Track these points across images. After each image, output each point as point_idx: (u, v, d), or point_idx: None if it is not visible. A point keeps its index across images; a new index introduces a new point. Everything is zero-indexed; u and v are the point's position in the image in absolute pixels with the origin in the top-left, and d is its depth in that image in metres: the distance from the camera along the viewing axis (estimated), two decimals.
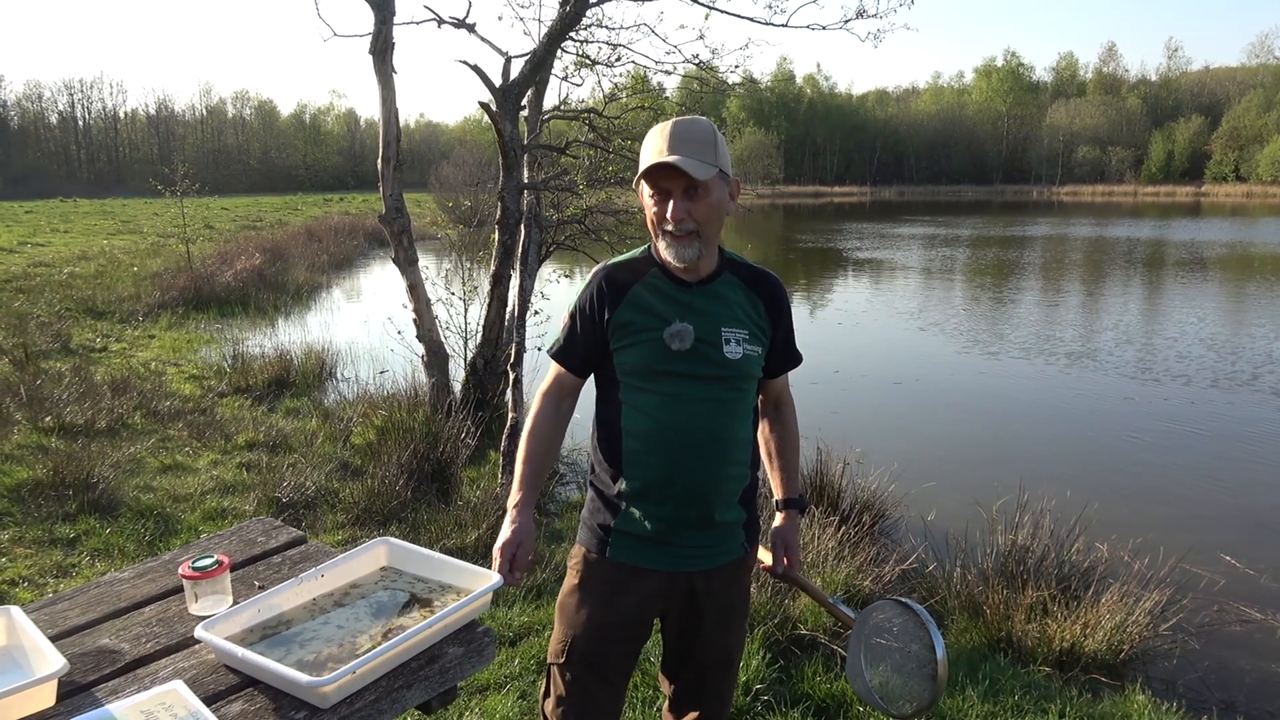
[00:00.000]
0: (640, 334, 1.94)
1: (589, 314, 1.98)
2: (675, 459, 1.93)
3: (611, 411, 2.00)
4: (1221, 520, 5.88)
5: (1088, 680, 3.63)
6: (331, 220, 30.79)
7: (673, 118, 1.94)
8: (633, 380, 1.96)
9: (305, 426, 6.83)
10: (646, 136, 1.94)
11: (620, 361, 1.97)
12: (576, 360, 2.04)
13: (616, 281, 1.98)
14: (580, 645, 2.01)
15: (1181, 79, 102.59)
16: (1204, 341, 11.89)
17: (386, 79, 6.50)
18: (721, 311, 1.98)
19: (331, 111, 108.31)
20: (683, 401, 1.93)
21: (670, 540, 1.98)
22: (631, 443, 1.96)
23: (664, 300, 1.95)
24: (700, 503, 1.97)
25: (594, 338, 1.99)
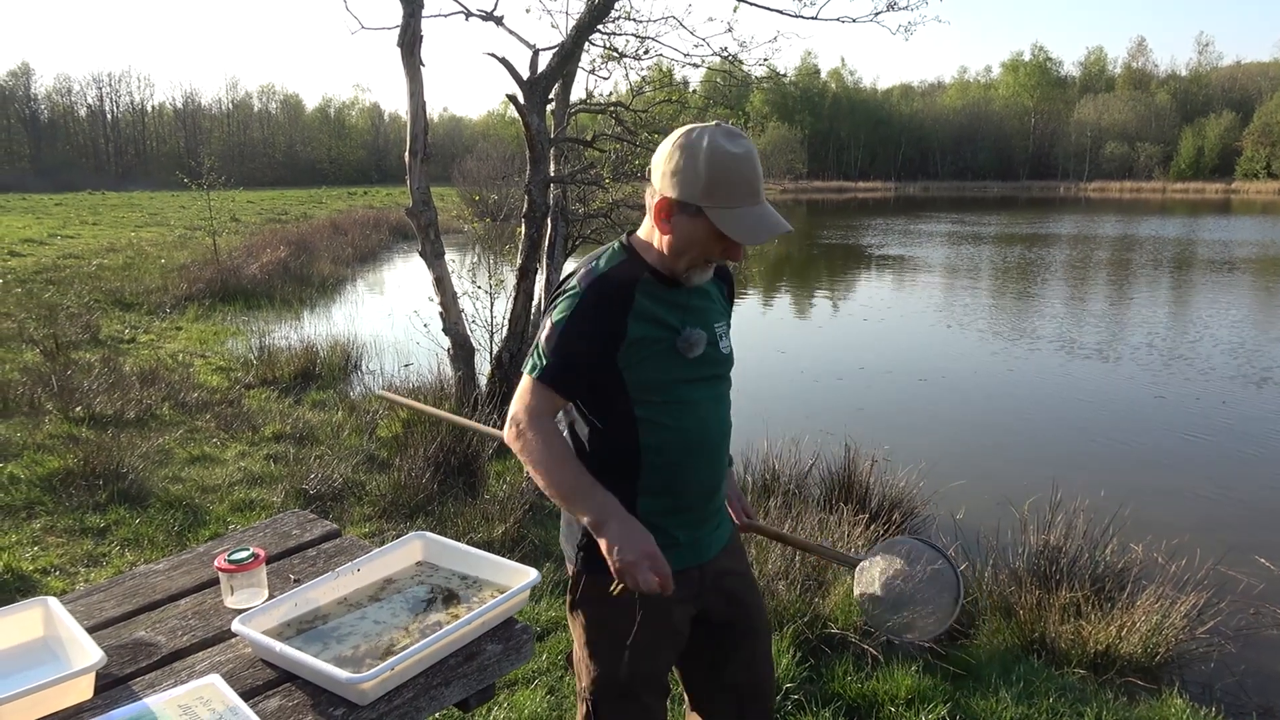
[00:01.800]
0: (653, 347, 1.81)
1: (591, 333, 1.78)
2: (697, 464, 1.91)
3: (621, 430, 1.85)
4: (1258, 522, 5.78)
5: (1123, 683, 3.57)
6: (355, 214, 30.96)
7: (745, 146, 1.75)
8: (649, 396, 1.83)
9: (331, 419, 6.85)
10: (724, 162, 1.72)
11: (633, 379, 1.81)
12: (579, 384, 1.83)
13: (613, 296, 1.80)
14: (638, 670, 1.92)
15: (1212, 74, 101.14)
16: (1236, 341, 11.71)
17: (414, 72, 6.50)
18: (709, 308, 1.93)
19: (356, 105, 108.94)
20: (698, 407, 1.89)
21: (692, 539, 1.95)
22: (651, 457, 1.85)
23: (666, 307, 1.84)
24: (716, 496, 2.00)
25: (600, 359, 1.79)
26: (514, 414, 1.81)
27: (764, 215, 1.76)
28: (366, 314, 13.34)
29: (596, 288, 1.80)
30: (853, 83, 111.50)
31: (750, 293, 17.18)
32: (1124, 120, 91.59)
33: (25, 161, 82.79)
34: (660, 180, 1.79)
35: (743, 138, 1.76)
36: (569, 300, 1.80)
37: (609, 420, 1.86)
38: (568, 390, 1.83)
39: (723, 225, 1.73)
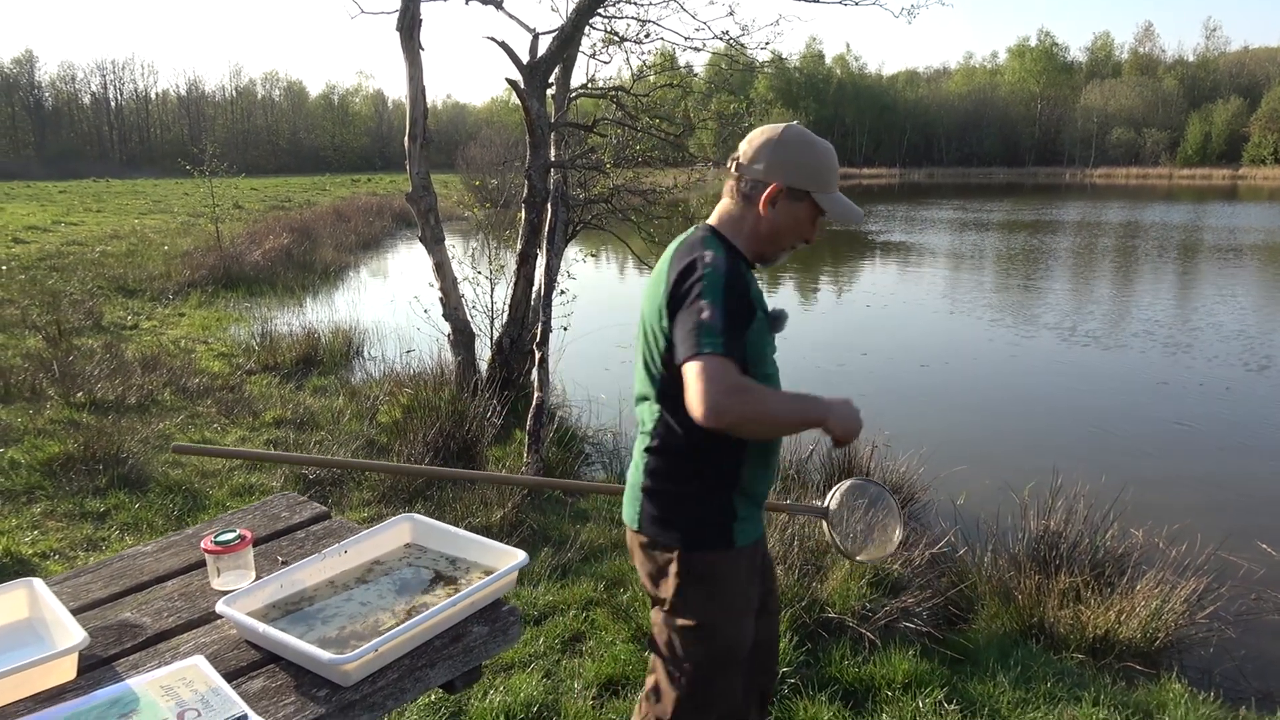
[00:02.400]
0: (760, 324, 1.92)
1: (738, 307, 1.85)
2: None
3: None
4: (1259, 507, 5.76)
5: (1122, 668, 3.56)
6: (359, 201, 30.92)
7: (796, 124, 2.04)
8: (755, 369, 1.90)
9: (332, 404, 6.85)
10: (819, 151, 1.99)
11: (750, 354, 1.88)
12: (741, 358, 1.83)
13: (742, 275, 1.93)
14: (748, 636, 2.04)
15: (1220, 59, 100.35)
16: (1240, 328, 11.66)
17: (413, 56, 6.46)
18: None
19: (359, 92, 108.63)
20: (776, 379, 2.02)
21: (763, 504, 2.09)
22: None
23: (758, 289, 2.00)
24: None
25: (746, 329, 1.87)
26: (715, 399, 1.71)
27: (849, 202, 2.02)
28: (369, 300, 13.33)
29: (730, 269, 1.88)
30: (858, 69, 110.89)
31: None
32: (1130, 106, 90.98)
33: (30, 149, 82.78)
34: (768, 170, 1.95)
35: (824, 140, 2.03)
36: (712, 282, 1.83)
37: None
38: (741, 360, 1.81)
39: (827, 206, 1.98)
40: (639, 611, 3.71)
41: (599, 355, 9.59)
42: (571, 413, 7.18)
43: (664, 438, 1.98)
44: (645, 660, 3.33)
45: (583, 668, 3.31)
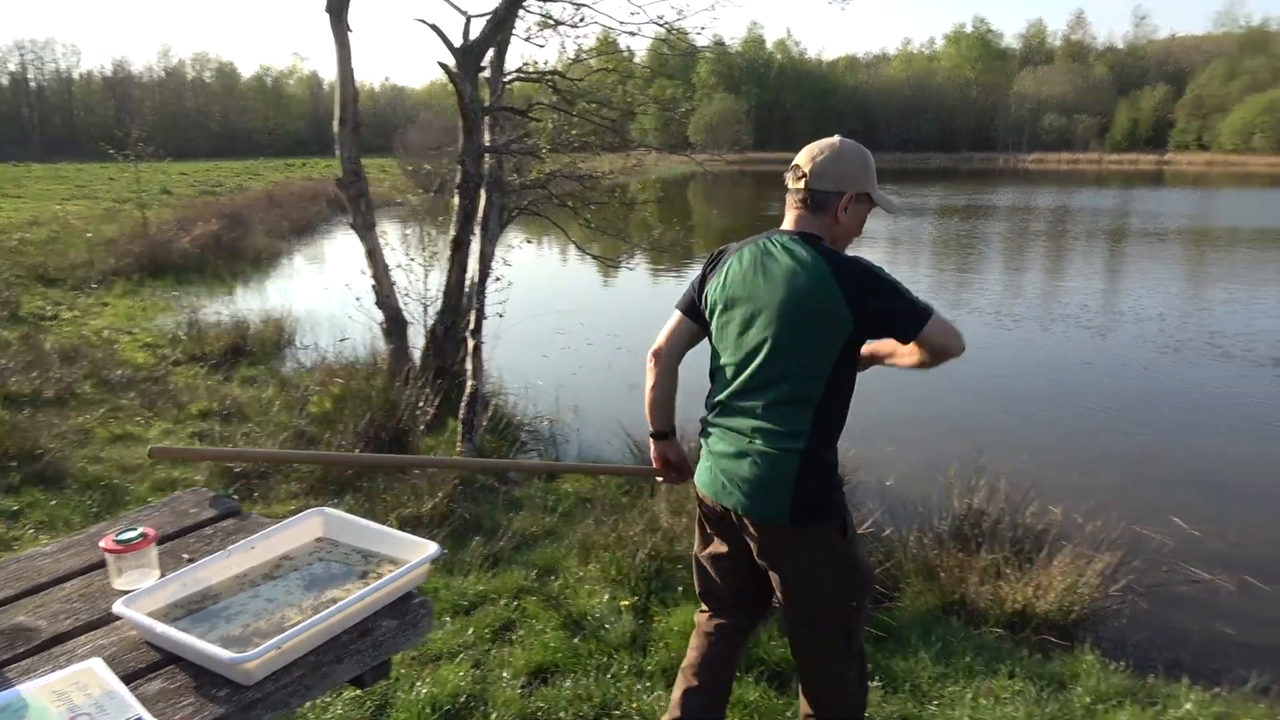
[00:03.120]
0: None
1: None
2: None
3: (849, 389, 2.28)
4: (1171, 483, 5.97)
5: (1038, 641, 3.67)
6: (293, 186, 30.28)
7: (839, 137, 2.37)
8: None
9: (261, 395, 6.73)
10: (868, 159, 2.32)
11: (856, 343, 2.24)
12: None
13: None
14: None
15: (1148, 47, 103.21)
16: (1159, 310, 12.06)
17: (342, 38, 6.33)
18: None
19: (294, 74, 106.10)
20: None
21: None
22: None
23: None
24: None
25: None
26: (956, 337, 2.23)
27: (890, 196, 2.39)
28: (302, 288, 13.09)
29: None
30: (798, 53, 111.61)
31: (696, 263, 17.20)
32: (1062, 92, 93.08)
33: None
34: (838, 180, 2.26)
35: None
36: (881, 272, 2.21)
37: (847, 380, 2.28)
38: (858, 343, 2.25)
39: (883, 204, 2.34)
40: (570, 599, 3.73)
41: (537, 342, 9.56)
42: (507, 400, 7.14)
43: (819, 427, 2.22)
44: (575, 648, 3.35)
45: (512, 656, 3.31)
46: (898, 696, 3.14)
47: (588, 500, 5.05)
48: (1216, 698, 3.23)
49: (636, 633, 3.46)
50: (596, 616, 3.55)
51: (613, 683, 3.12)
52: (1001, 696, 3.13)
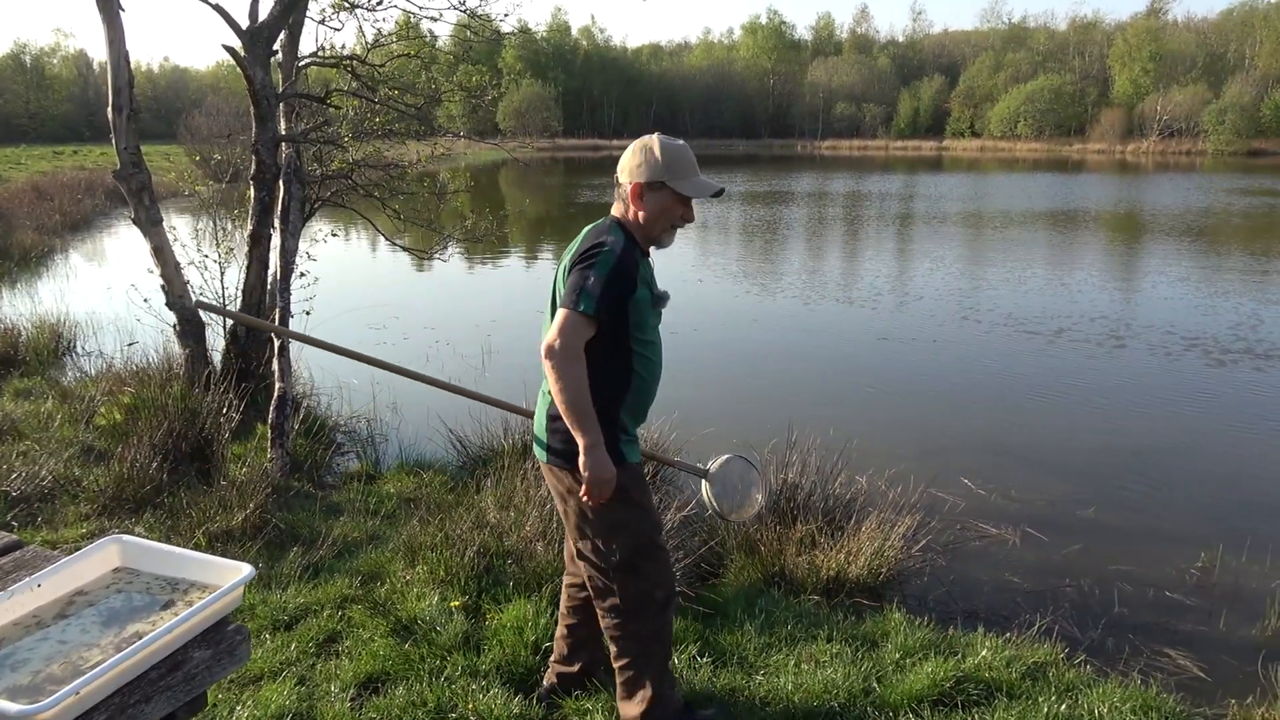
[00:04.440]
0: (644, 301, 2.57)
1: (621, 285, 2.49)
2: (656, 386, 2.73)
3: (620, 359, 2.58)
4: (963, 447, 6.50)
5: (852, 604, 3.91)
6: (64, 176, 27.66)
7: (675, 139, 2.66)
8: (640, 335, 2.59)
9: (39, 409, 6.12)
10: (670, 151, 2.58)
11: (634, 322, 2.56)
12: (604, 320, 2.47)
13: (632, 261, 2.54)
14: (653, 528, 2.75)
15: (925, 40, 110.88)
16: (946, 287, 13.06)
17: (112, 17, 5.80)
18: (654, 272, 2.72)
19: (58, 53, 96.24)
20: (659, 344, 2.70)
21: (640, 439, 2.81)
22: (638, 381, 2.63)
23: (649, 273, 2.65)
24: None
25: (620, 303, 2.50)
26: (555, 340, 2.42)
27: (704, 180, 2.63)
28: (80, 289, 12.00)
29: (622, 251, 2.52)
30: (603, 40, 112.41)
31: (512, 251, 17.06)
32: (851, 82, 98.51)
33: None
34: (630, 174, 2.60)
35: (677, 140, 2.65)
36: (608, 258, 2.49)
37: (615, 351, 2.57)
38: (600, 324, 2.47)
39: (680, 189, 2.58)
40: (398, 604, 3.63)
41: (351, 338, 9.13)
42: (320, 401, 6.85)
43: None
44: (406, 654, 3.26)
45: (340, 669, 3.19)
46: (726, 670, 3.26)
47: (411, 500, 4.93)
48: (1008, 642, 3.55)
49: (469, 632, 3.41)
50: (426, 620, 3.47)
51: (447, 685, 3.06)
52: (821, 660, 3.31)
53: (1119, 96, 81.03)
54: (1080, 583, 4.50)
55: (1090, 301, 11.71)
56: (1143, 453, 6.41)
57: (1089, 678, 3.36)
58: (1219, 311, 11.04)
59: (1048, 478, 5.90)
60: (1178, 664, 3.79)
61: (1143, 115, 76.46)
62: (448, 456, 5.83)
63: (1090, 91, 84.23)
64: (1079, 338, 9.69)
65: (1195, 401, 7.57)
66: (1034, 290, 12.54)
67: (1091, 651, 3.78)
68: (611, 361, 2.57)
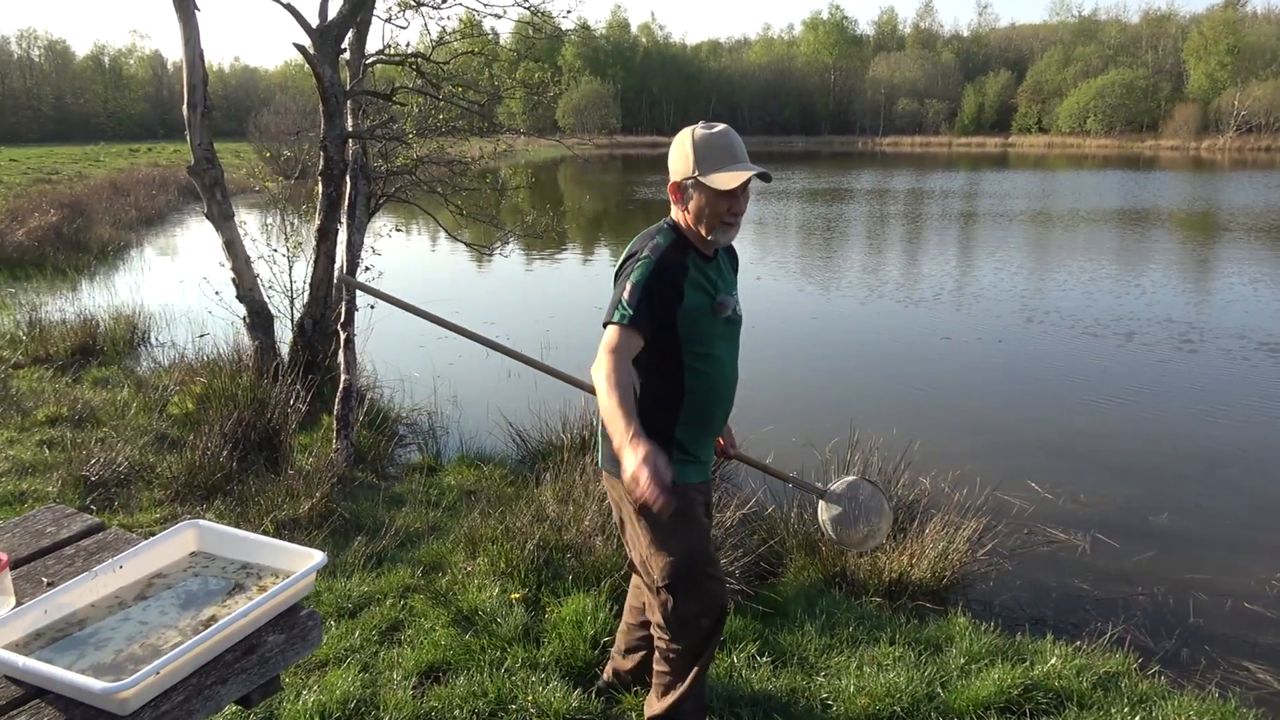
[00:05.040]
0: (700, 309, 2.38)
1: (662, 294, 2.31)
2: (720, 404, 2.52)
3: (670, 373, 2.40)
4: (1029, 450, 6.34)
5: (914, 607, 3.85)
6: (139, 173, 28.51)
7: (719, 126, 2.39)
8: (695, 348, 2.39)
9: (116, 397, 6.31)
10: (705, 139, 2.36)
11: (685, 334, 2.37)
12: (648, 332, 2.30)
13: (677, 265, 2.36)
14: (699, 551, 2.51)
15: (990, 35, 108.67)
16: (1010, 287, 12.77)
17: (188, 17, 5.97)
18: (728, 279, 2.53)
19: (134, 53, 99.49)
20: (724, 359, 2.48)
21: (706, 459, 2.58)
22: (692, 398, 2.43)
23: (705, 278, 2.42)
24: (723, 427, 2.67)
25: (664, 315, 2.32)
26: (604, 354, 2.26)
27: (736, 169, 2.33)
28: (154, 282, 12.36)
29: (665, 259, 2.35)
30: (663, 38, 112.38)
31: (570, 248, 17.15)
32: (914, 78, 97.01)
33: None
34: (671, 172, 2.41)
35: (719, 125, 2.39)
36: (644, 265, 2.33)
37: (665, 366, 2.40)
38: (645, 334, 2.30)
39: (712, 183, 2.31)
40: (459, 594, 3.67)
41: (413, 333, 9.31)
42: (383, 394, 6.95)
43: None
44: (467, 644, 3.29)
45: (402, 657, 3.23)
46: (787, 670, 3.23)
47: (471, 493, 4.98)
48: (1078, 651, 3.45)
49: (529, 625, 3.43)
50: (487, 611, 3.50)
51: (507, 677, 3.08)
52: (884, 663, 3.26)
53: (1194, 91, 78.44)
54: (1154, 591, 4.36)
55: (1163, 303, 11.35)
56: (1218, 459, 6.19)
57: (1163, 689, 3.25)
58: None
59: (1118, 483, 5.73)
60: (1257, 678, 3.65)
61: (1219, 110, 73.90)
62: (507, 450, 5.88)
63: (1163, 86, 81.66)
64: (1150, 340, 9.39)
65: (1273, 408, 7.28)
66: (1104, 291, 12.19)
67: (1166, 663, 3.66)
68: (663, 377, 2.42)
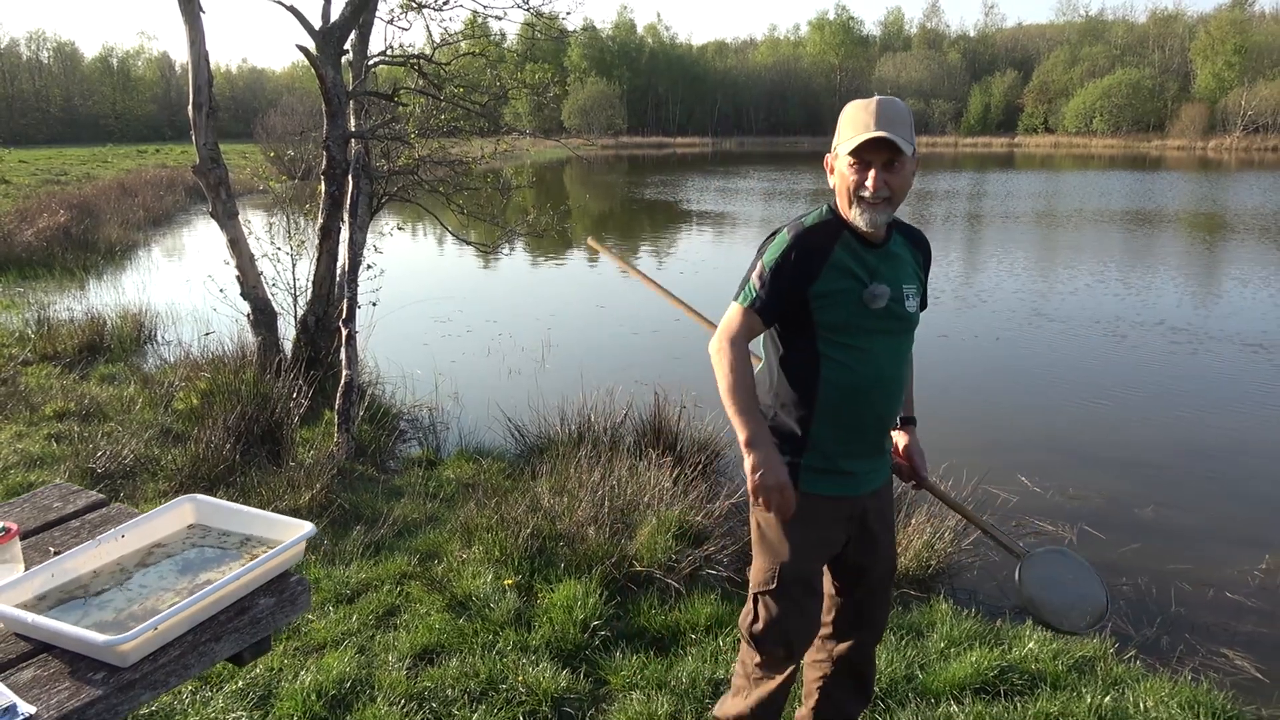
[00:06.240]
0: (842, 295, 2.17)
1: (792, 275, 2.16)
2: (868, 404, 2.24)
3: (806, 361, 2.22)
4: (1020, 444, 6.43)
5: (900, 595, 3.93)
6: (147, 173, 28.72)
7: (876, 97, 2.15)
8: (834, 336, 2.19)
9: (122, 393, 6.44)
10: (848, 110, 2.18)
11: (822, 320, 2.18)
12: (772, 314, 2.21)
13: (816, 246, 2.18)
14: (790, 570, 2.29)
15: (997, 35, 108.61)
16: (1016, 286, 12.84)
17: (193, 19, 6.10)
18: (900, 270, 2.26)
19: (142, 55, 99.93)
20: (876, 354, 2.22)
21: (852, 470, 2.29)
22: (829, 390, 2.21)
23: (859, 263, 2.19)
24: (879, 437, 2.34)
25: (795, 297, 2.17)
26: (721, 332, 2.20)
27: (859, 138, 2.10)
28: (161, 281, 12.51)
29: (802, 237, 2.19)
30: (669, 39, 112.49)
31: (574, 248, 17.25)
32: (920, 78, 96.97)
33: None
34: None
35: (881, 96, 2.15)
36: (777, 243, 2.20)
37: (800, 351, 2.23)
38: (769, 318, 2.20)
39: (840, 150, 2.16)
40: (454, 581, 3.77)
41: (416, 330, 9.46)
42: (385, 390, 7.06)
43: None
44: (460, 628, 3.39)
45: (397, 640, 3.33)
46: None
47: (469, 485, 5.08)
48: (1057, 636, 3.53)
49: (521, 609, 3.53)
50: (480, 597, 3.60)
51: (498, 659, 3.18)
52: None
53: (1201, 91, 78.28)
54: (1137, 581, 4.44)
55: (1157, 304, 11.40)
56: (1206, 454, 6.26)
57: (1138, 673, 3.34)
58: None
59: (1107, 477, 5.81)
60: (1234, 664, 3.73)
61: (1226, 110, 73.73)
62: (505, 444, 5.98)
63: (1170, 86, 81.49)
64: (1147, 339, 9.46)
65: (1263, 404, 7.35)
66: (1105, 292, 12.25)
67: (1144, 649, 3.74)
68: (800, 364, 2.24)
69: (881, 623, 2.53)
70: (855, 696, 2.55)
